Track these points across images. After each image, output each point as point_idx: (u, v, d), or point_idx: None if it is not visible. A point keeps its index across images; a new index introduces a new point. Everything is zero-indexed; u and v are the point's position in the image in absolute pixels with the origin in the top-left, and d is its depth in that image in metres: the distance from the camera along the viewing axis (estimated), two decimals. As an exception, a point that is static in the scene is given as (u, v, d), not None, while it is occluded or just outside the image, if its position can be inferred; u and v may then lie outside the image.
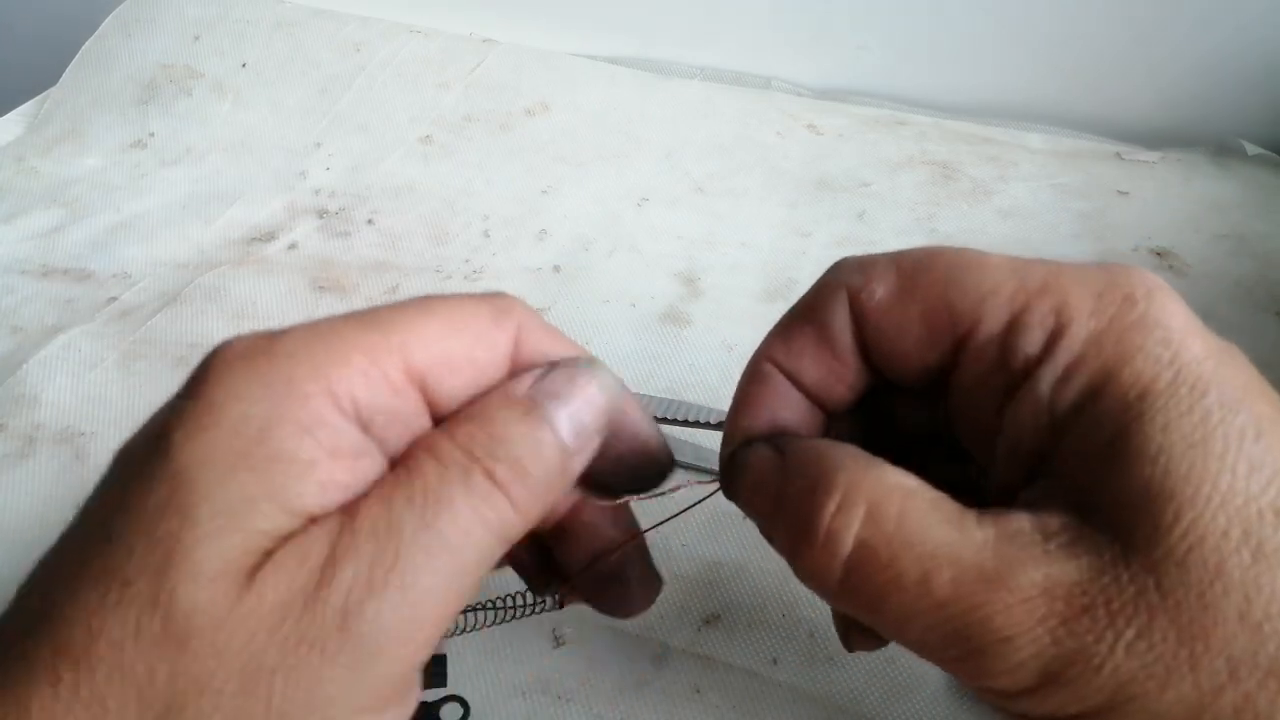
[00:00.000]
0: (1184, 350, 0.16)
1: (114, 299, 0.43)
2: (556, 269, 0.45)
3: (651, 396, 0.33)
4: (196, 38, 0.60)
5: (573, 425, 0.18)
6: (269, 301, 0.42)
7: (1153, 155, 0.53)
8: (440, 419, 0.18)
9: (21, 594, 0.16)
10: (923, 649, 0.17)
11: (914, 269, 0.19)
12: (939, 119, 0.56)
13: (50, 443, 0.36)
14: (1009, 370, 0.18)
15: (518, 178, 0.52)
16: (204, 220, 0.48)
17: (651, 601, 0.23)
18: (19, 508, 0.33)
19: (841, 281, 0.20)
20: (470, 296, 0.19)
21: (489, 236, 0.47)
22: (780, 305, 0.42)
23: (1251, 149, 0.52)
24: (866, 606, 0.17)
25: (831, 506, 0.17)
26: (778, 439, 0.20)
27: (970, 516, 0.17)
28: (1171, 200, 0.49)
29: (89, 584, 0.15)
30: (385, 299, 0.43)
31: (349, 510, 0.16)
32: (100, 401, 0.37)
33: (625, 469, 0.21)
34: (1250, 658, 0.15)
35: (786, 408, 0.20)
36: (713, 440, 0.22)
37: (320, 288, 0.43)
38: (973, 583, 0.16)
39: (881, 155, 0.53)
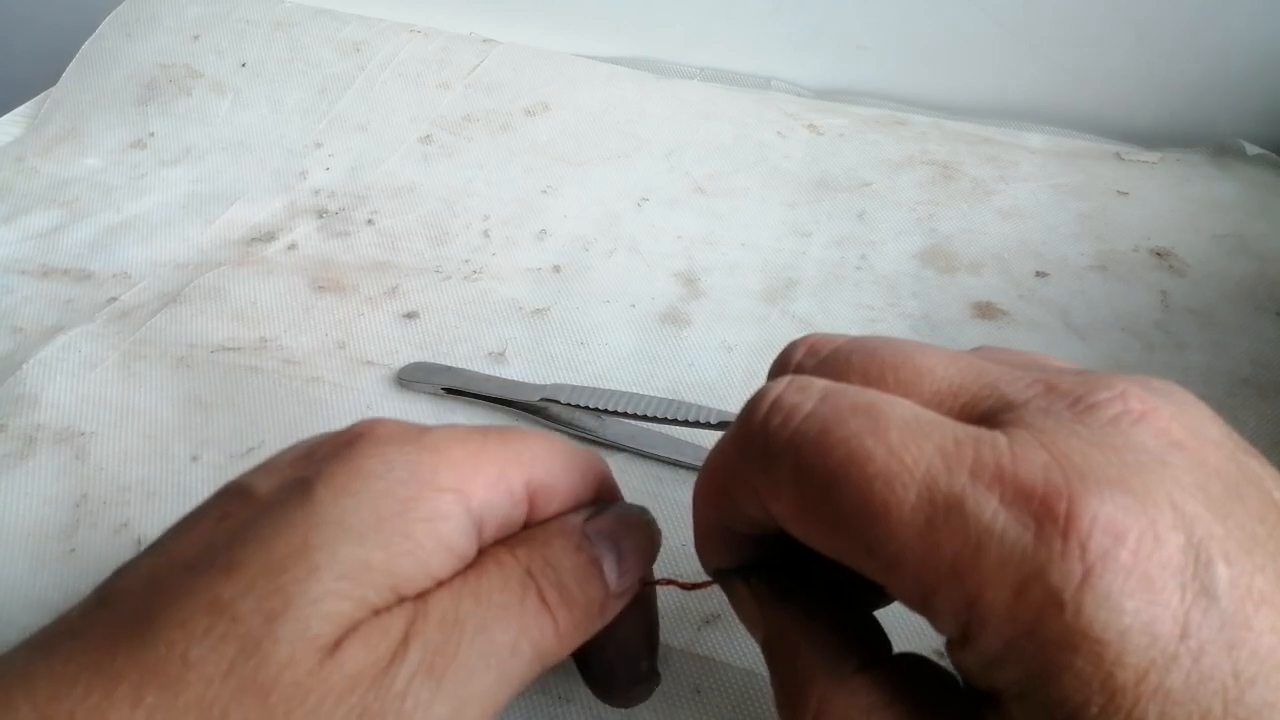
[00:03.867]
0: (1118, 670, 0.14)
1: (114, 299, 0.43)
2: (556, 269, 0.45)
3: (651, 397, 0.33)
4: (196, 37, 0.60)
5: (618, 568, 0.20)
6: (269, 301, 0.42)
7: (1153, 155, 0.53)
8: None
9: (111, 589, 0.17)
10: None
11: (817, 493, 0.16)
12: (939, 119, 0.56)
13: (50, 443, 0.36)
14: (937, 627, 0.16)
15: (518, 178, 0.52)
16: (204, 220, 0.48)
17: (646, 697, 0.24)
18: (19, 508, 0.33)
19: (748, 482, 0.18)
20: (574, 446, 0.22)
21: (489, 236, 0.47)
22: (780, 305, 0.43)
23: (1251, 149, 0.52)
24: None
25: None
26: (749, 576, 0.21)
27: None
28: (1171, 200, 0.49)
29: (197, 611, 0.16)
30: (385, 299, 0.43)
31: (422, 598, 0.17)
32: (100, 402, 0.37)
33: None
34: None
35: (740, 549, 0.21)
36: (712, 441, 0.22)
37: (320, 288, 0.43)
38: None
39: (881, 155, 0.53)
